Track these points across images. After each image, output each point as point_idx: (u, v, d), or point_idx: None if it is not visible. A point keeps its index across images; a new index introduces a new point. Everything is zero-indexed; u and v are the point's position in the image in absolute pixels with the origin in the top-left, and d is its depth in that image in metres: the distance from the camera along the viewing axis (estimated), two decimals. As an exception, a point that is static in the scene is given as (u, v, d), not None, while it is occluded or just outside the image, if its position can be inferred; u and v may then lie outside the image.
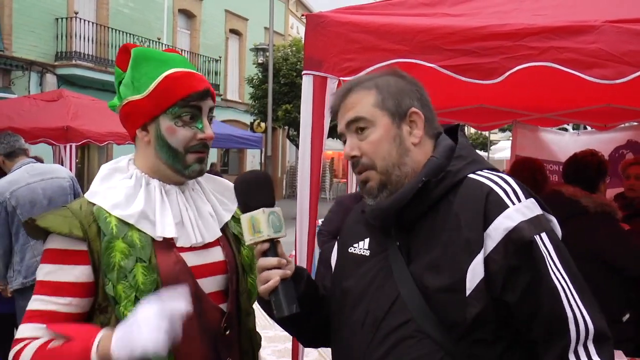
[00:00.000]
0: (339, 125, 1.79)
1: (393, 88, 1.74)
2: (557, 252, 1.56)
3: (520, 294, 1.53)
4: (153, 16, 24.26)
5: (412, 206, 1.64)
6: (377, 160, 1.70)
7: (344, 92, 1.79)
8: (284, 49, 25.49)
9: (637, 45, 2.85)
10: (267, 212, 1.65)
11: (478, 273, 1.53)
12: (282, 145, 35.27)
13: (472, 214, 1.57)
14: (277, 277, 1.64)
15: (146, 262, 1.71)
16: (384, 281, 1.67)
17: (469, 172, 1.66)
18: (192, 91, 1.78)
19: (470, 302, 1.52)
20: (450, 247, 1.57)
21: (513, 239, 1.53)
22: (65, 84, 18.99)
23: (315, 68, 3.36)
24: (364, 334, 1.66)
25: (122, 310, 1.68)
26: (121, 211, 1.75)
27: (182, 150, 1.80)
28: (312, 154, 3.45)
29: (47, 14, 19.48)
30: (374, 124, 1.71)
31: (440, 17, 3.29)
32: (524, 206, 1.57)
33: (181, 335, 1.62)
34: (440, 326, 1.55)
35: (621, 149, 6.74)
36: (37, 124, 10.42)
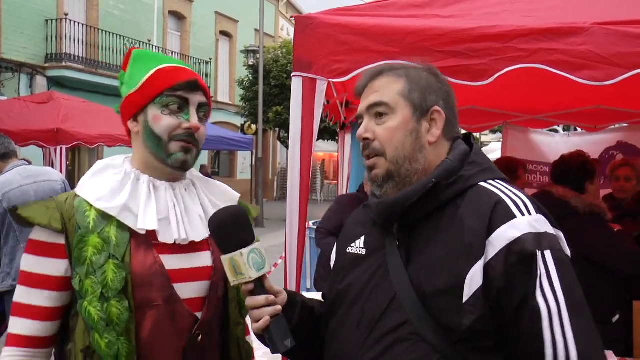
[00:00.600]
0: (361, 105, 1.75)
1: (423, 82, 1.71)
2: (559, 271, 1.49)
3: (512, 307, 1.48)
4: (143, 17, 24.20)
5: (419, 205, 1.60)
6: (388, 148, 1.66)
7: (373, 74, 1.76)
8: (274, 51, 25.47)
9: (626, 47, 2.86)
10: (246, 252, 1.57)
11: (477, 280, 1.49)
12: (273, 147, 35.26)
13: (477, 220, 1.53)
14: (267, 316, 1.59)
15: (119, 259, 1.69)
16: (380, 281, 1.64)
17: (481, 179, 1.63)
18: (178, 81, 1.79)
19: (467, 309, 1.48)
20: (452, 251, 1.53)
21: (515, 250, 1.48)
22: (55, 85, 18.90)
23: (305, 70, 3.35)
24: (359, 334, 1.62)
25: (86, 306, 1.66)
26: (104, 203, 1.74)
27: (165, 137, 1.79)
28: (301, 156, 3.44)
29: (37, 15, 19.38)
30: (394, 112, 1.67)
31: (430, 18, 3.29)
32: (533, 219, 1.53)
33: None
34: (436, 330, 1.51)
35: (611, 150, 6.76)
36: (27, 126, 10.39)
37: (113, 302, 1.66)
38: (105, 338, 1.65)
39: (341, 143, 6.48)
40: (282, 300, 1.69)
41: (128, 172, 1.85)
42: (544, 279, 1.47)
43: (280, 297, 1.69)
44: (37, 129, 10.32)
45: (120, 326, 1.66)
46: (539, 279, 1.47)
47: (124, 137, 12.17)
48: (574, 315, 1.46)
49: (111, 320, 1.65)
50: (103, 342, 1.65)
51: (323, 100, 3.47)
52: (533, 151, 6.98)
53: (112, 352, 1.65)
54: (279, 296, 1.68)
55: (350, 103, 5.88)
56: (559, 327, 1.45)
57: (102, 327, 1.65)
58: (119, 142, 11.79)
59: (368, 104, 1.71)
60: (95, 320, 1.65)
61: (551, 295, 1.46)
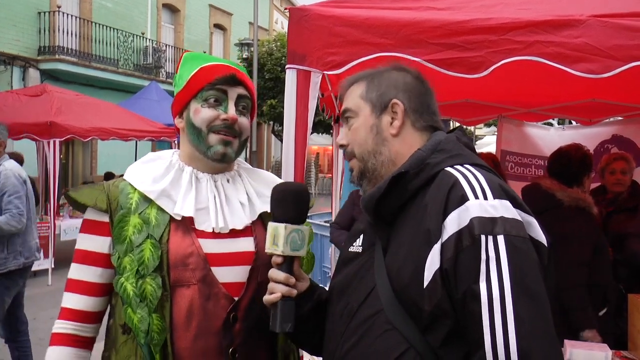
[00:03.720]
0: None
1: (379, 79, 1.78)
2: (510, 257, 1.42)
3: (459, 292, 1.44)
4: (137, 11, 24.13)
5: (389, 198, 1.62)
6: (355, 147, 1.75)
7: (344, 87, 1.85)
8: (268, 44, 25.45)
9: (623, 40, 2.85)
10: (290, 229, 1.66)
11: (434, 263, 1.47)
12: (268, 140, 35.25)
13: (435, 205, 1.52)
14: (279, 293, 1.67)
15: (156, 239, 1.77)
16: (365, 273, 1.66)
17: (447, 165, 1.61)
18: (217, 75, 1.87)
19: (427, 293, 1.47)
20: (416, 238, 1.54)
21: (464, 235, 1.45)
22: (48, 78, 18.83)
23: (299, 62, 3.33)
24: (341, 324, 1.65)
25: (123, 282, 1.75)
26: (146, 186, 1.84)
27: (205, 129, 1.86)
28: (296, 148, 3.42)
29: (30, 7, 19.31)
30: (357, 114, 1.76)
31: (425, 10, 3.26)
32: (488, 204, 1.48)
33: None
34: (407, 319, 1.52)
35: (606, 144, 6.75)
36: (20, 119, 10.38)
37: (148, 280, 1.74)
38: (138, 313, 1.72)
39: (335, 136, 6.45)
40: (302, 287, 1.77)
41: (173, 162, 1.94)
42: (491, 264, 1.42)
43: (301, 284, 1.77)
44: (30, 122, 10.31)
45: (153, 303, 1.73)
46: (485, 264, 1.42)
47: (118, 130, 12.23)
48: (520, 303, 1.38)
49: (145, 297, 1.73)
50: (135, 317, 1.72)
51: (317, 93, 3.45)
52: (528, 144, 6.96)
53: (144, 327, 1.71)
54: (302, 282, 1.77)
55: (344, 96, 5.86)
56: (500, 315, 1.38)
57: (136, 303, 1.73)
58: (113, 135, 11.78)
59: (340, 113, 1.83)
60: (130, 295, 1.73)
61: (496, 281, 1.40)
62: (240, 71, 1.94)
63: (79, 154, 21.54)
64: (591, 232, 3.90)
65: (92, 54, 21.06)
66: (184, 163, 1.94)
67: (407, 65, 1.85)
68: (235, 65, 1.96)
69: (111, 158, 20.16)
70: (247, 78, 1.96)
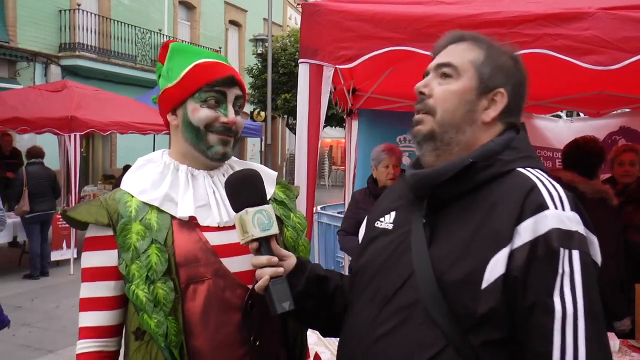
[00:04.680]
0: (432, 62, 1.67)
1: (498, 60, 1.62)
2: (584, 275, 1.35)
3: (526, 303, 1.36)
4: (154, 8, 24.17)
5: (452, 184, 1.51)
6: (440, 108, 1.58)
7: (454, 38, 1.68)
8: (282, 40, 25.39)
9: (631, 32, 2.82)
10: (252, 211, 1.61)
11: (499, 268, 1.38)
12: (282, 134, 35.25)
13: (509, 206, 1.42)
14: (267, 275, 1.60)
15: (161, 243, 1.74)
16: (400, 257, 1.56)
17: (519, 165, 1.52)
18: (217, 77, 1.82)
19: (485, 295, 1.38)
20: (479, 236, 1.43)
21: (540, 244, 1.36)
22: (69, 74, 18.94)
23: (311, 56, 3.32)
24: (372, 308, 1.55)
25: (134, 289, 1.71)
26: (147, 196, 1.80)
27: (202, 128, 1.82)
28: (309, 141, 3.41)
29: (51, 6, 19.39)
30: (459, 77, 1.59)
31: (435, 5, 3.24)
32: (565, 215, 1.39)
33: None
34: (449, 315, 1.41)
35: (614, 135, 6.69)
36: (42, 114, 10.44)
37: (159, 284, 1.70)
38: (154, 318, 1.69)
39: (348, 129, 6.44)
40: (289, 264, 1.69)
41: (167, 163, 1.89)
42: (565, 279, 1.35)
43: (287, 262, 1.69)
44: (51, 116, 10.35)
45: (167, 306, 1.70)
46: (560, 278, 1.35)
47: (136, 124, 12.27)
48: (590, 323, 1.33)
49: (158, 301, 1.70)
50: (152, 322, 1.69)
51: (330, 87, 3.44)
52: (536, 136, 6.90)
53: (161, 331, 1.69)
54: (286, 259, 1.69)
55: (356, 90, 5.84)
56: (572, 332, 1.33)
57: (150, 308, 1.69)
58: (131, 129, 11.81)
59: (437, 63, 1.64)
60: (143, 302, 1.70)
61: (570, 297, 1.34)
62: (236, 71, 1.89)
63: (98, 148, 21.64)
64: (615, 223, 3.88)
65: (111, 50, 21.13)
66: (177, 162, 1.89)
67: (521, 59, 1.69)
68: (225, 61, 1.91)
69: (130, 151, 20.22)
70: (240, 77, 1.90)
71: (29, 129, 10.75)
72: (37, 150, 10.38)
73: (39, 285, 9.44)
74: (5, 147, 12.38)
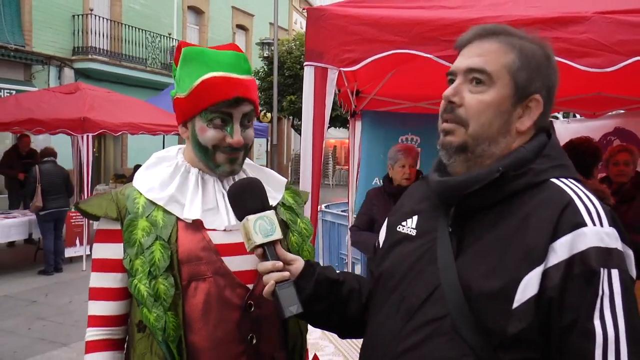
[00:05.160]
0: (458, 61, 1.51)
1: (534, 62, 1.46)
2: (624, 296, 1.24)
3: (563, 325, 1.26)
4: (164, 12, 24.18)
5: (482, 194, 1.39)
6: (474, 121, 1.43)
7: (485, 32, 1.50)
8: (288, 43, 25.42)
9: (626, 35, 2.82)
10: (252, 219, 1.59)
11: (532, 287, 1.27)
12: (287, 134, 35.25)
13: (543, 221, 1.30)
14: (272, 281, 1.55)
15: (165, 240, 1.74)
16: (425, 267, 1.45)
17: (552, 175, 1.40)
18: (221, 99, 1.76)
19: (516, 315, 1.27)
20: (510, 251, 1.31)
21: (578, 263, 1.25)
22: (82, 77, 18.96)
23: (317, 59, 3.31)
24: (396, 320, 1.46)
25: (136, 283, 1.71)
26: (154, 194, 1.80)
27: (210, 148, 1.80)
28: (314, 142, 3.41)
29: (65, 11, 19.42)
30: (494, 85, 1.43)
31: (437, 9, 3.24)
32: (603, 232, 1.28)
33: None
34: (477, 330, 1.31)
35: (609, 136, 6.68)
36: (56, 115, 10.47)
37: (160, 280, 1.71)
38: (154, 312, 1.70)
39: (352, 130, 6.44)
40: (296, 268, 1.63)
41: (179, 165, 1.88)
42: (605, 301, 1.24)
43: (294, 265, 1.63)
44: (65, 117, 10.38)
45: (167, 301, 1.70)
46: (600, 300, 1.24)
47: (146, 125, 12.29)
48: (633, 348, 1.22)
49: (159, 296, 1.70)
50: (152, 316, 1.70)
51: (334, 89, 3.43)
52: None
53: (160, 325, 1.69)
54: (293, 263, 1.63)
55: (360, 92, 5.84)
56: (614, 357, 1.22)
57: (151, 303, 1.70)
58: (142, 129, 11.82)
59: (468, 67, 1.46)
60: (145, 296, 1.70)
61: (610, 320, 1.23)
62: (246, 84, 1.81)
63: (110, 148, 21.67)
64: None
65: (122, 53, 21.15)
66: (189, 165, 1.88)
67: (551, 48, 1.54)
68: (238, 69, 1.82)
69: (140, 151, 20.23)
70: (251, 88, 1.83)
71: (43, 129, 10.78)
72: (50, 150, 10.42)
73: (52, 281, 9.46)
74: (23, 147, 12.46)
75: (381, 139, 6.19)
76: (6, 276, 9.59)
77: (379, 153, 6.23)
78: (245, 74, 1.83)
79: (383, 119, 6.21)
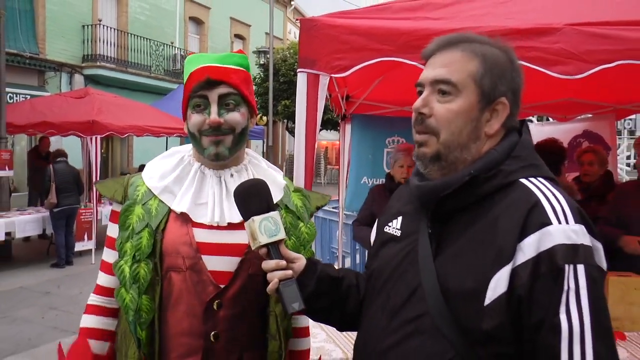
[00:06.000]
0: (425, 73, 1.46)
1: (498, 67, 1.41)
2: (590, 290, 1.21)
3: (532, 321, 1.23)
4: (167, 22, 24.11)
5: (455, 197, 1.36)
6: (444, 130, 1.39)
7: (448, 42, 1.45)
8: (282, 52, 25.38)
9: (594, 45, 2.85)
10: (258, 219, 1.55)
11: (501, 286, 1.24)
12: (282, 136, 35.21)
13: (511, 222, 1.27)
14: (276, 279, 1.51)
15: (153, 228, 1.72)
16: (408, 267, 1.43)
17: (522, 176, 1.36)
18: (194, 83, 1.75)
19: (488, 312, 1.25)
20: (482, 251, 1.29)
21: (544, 261, 1.22)
22: (91, 82, 18.92)
23: (309, 66, 3.31)
24: (383, 318, 1.45)
25: (122, 265, 1.71)
26: (152, 183, 1.80)
27: (197, 133, 1.77)
28: (306, 144, 3.41)
29: (75, 21, 19.36)
30: (460, 94, 1.39)
31: (422, 20, 3.24)
32: (570, 229, 1.24)
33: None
34: (455, 327, 1.29)
35: (578, 138, 6.71)
36: (67, 119, 10.48)
37: (142, 264, 1.69)
38: (130, 294, 1.69)
39: (342, 132, 6.43)
40: (299, 266, 1.59)
41: (185, 158, 1.87)
42: (571, 295, 1.21)
43: (297, 264, 1.59)
44: (75, 120, 10.37)
45: (143, 285, 1.68)
46: (566, 295, 1.21)
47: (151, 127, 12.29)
48: (598, 340, 1.19)
49: (137, 279, 1.69)
50: (127, 297, 1.69)
51: (325, 94, 3.43)
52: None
53: (133, 306, 1.68)
54: (296, 262, 1.59)
55: (350, 97, 5.84)
56: (579, 350, 1.18)
57: (129, 284, 1.69)
58: (146, 132, 11.80)
59: (434, 78, 1.42)
60: (126, 277, 1.69)
61: (576, 314, 1.20)
62: (220, 69, 1.77)
63: (117, 149, 21.59)
64: None
65: (128, 61, 21.08)
66: (194, 159, 1.86)
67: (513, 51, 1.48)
68: (221, 61, 1.79)
69: (145, 152, 20.19)
70: (230, 73, 1.78)
71: (55, 132, 10.78)
72: (61, 151, 10.40)
73: (64, 273, 9.43)
74: (43, 148, 12.45)
75: (369, 141, 6.20)
76: (22, 269, 9.57)
77: (368, 154, 6.24)
78: (232, 65, 1.80)
79: (371, 121, 6.21)
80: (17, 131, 11.31)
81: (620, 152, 12.91)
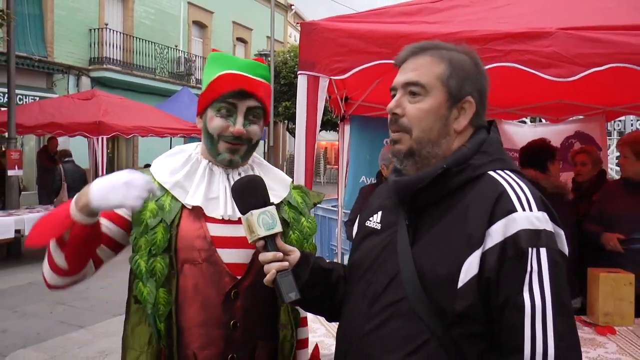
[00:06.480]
0: (397, 78, 1.54)
1: (462, 70, 1.49)
2: (551, 271, 1.29)
3: (499, 301, 1.30)
4: (171, 26, 24.13)
5: (429, 190, 1.44)
6: (416, 128, 1.47)
7: (416, 50, 1.54)
8: (283, 55, 25.39)
9: (585, 49, 2.84)
10: (256, 213, 1.58)
11: (472, 269, 1.32)
12: (283, 137, 35.23)
13: (480, 210, 1.35)
14: (274, 270, 1.55)
15: (167, 224, 1.73)
16: (388, 257, 1.49)
17: (490, 169, 1.44)
18: (228, 90, 1.76)
19: (460, 295, 1.32)
20: (453, 238, 1.37)
21: (509, 245, 1.30)
22: (97, 85, 18.92)
23: (309, 69, 3.31)
24: (363, 304, 1.50)
25: (137, 259, 1.71)
26: (163, 178, 1.80)
27: (215, 136, 1.78)
28: (306, 143, 3.41)
29: (82, 25, 19.40)
30: (428, 94, 1.47)
31: (418, 24, 3.25)
32: (533, 216, 1.32)
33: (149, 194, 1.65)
34: (431, 310, 1.36)
35: (570, 139, 6.70)
36: (74, 120, 10.49)
37: (158, 259, 1.70)
38: (147, 287, 1.69)
39: (341, 133, 6.43)
40: (293, 258, 1.63)
41: (192, 156, 1.87)
42: (534, 276, 1.29)
43: (292, 256, 1.63)
44: (82, 121, 10.39)
45: (160, 279, 1.69)
46: (529, 275, 1.29)
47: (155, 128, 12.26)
48: (558, 316, 1.27)
49: (154, 273, 1.69)
50: (145, 291, 1.69)
51: (325, 95, 3.43)
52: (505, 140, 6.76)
53: (151, 299, 1.69)
54: (291, 254, 1.63)
55: (349, 98, 5.84)
56: (541, 326, 1.26)
57: (146, 278, 1.69)
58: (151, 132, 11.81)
59: (405, 81, 1.50)
60: (142, 272, 1.70)
61: (538, 293, 1.28)
62: (254, 82, 1.79)
63: (122, 149, 21.60)
64: (569, 215, 3.88)
65: (134, 63, 21.10)
66: (202, 156, 1.87)
67: (478, 56, 1.57)
68: (251, 71, 1.80)
69: (150, 152, 20.17)
70: (260, 87, 1.81)
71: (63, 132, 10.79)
72: (68, 151, 10.42)
73: (71, 269, 9.39)
74: (52, 148, 12.47)
75: (368, 141, 6.19)
76: (31, 265, 9.54)
77: (366, 154, 6.24)
78: (260, 77, 1.82)
79: (370, 123, 6.21)
80: (27, 132, 11.32)
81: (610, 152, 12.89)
